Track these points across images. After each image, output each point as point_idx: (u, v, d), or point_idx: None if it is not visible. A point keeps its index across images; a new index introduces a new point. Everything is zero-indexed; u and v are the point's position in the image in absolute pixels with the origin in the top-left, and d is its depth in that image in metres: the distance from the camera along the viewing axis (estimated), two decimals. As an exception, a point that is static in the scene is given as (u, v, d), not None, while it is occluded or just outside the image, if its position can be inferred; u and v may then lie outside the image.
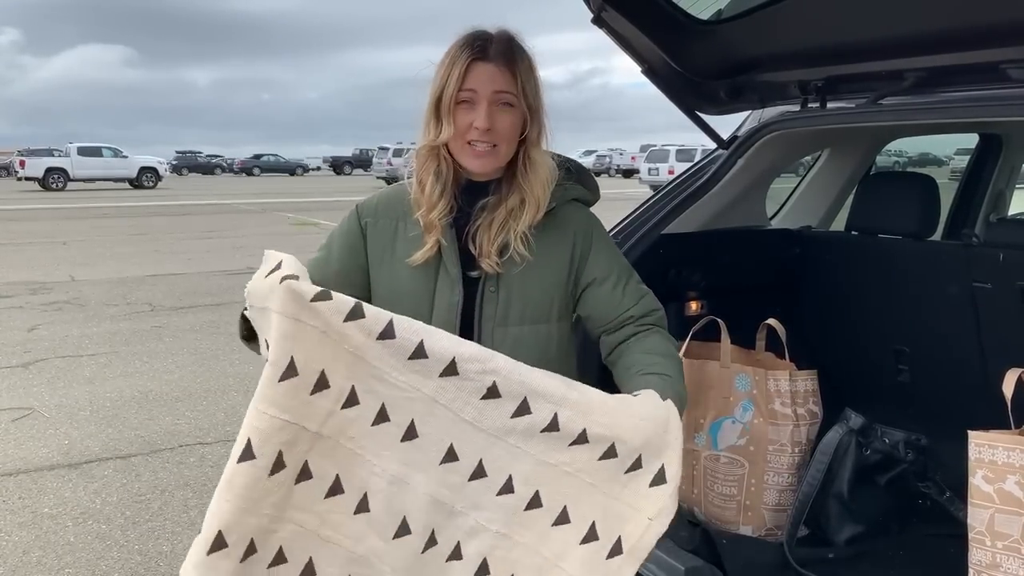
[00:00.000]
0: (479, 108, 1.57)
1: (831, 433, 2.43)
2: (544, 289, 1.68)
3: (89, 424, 5.05)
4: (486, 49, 1.57)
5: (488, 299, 1.65)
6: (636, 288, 1.73)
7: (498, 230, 1.62)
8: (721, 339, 2.51)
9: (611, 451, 1.42)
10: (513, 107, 1.60)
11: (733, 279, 2.97)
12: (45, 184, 32.82)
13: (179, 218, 20.15)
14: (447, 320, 1.64)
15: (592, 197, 1.79)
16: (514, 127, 1.61)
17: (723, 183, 2.82)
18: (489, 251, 1.62)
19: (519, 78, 1.59)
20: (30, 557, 3.43)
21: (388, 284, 1.70)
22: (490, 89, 1.57)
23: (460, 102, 1.58)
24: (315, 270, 1.71)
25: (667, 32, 2.48)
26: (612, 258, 1.75)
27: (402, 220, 1.69)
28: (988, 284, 2.54)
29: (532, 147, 1.64)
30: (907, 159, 15.92)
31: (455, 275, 1.65)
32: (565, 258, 1.69)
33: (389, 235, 1.70)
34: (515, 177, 1.64)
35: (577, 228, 1.71)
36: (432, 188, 1.63)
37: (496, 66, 1.57)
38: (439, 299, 1.66)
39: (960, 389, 2.69)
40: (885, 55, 2.28)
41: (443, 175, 1.64)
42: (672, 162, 27.94)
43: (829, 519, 2.41)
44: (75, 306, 8.78)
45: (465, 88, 1.57)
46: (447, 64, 1.58)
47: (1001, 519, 1.84)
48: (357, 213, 1.75)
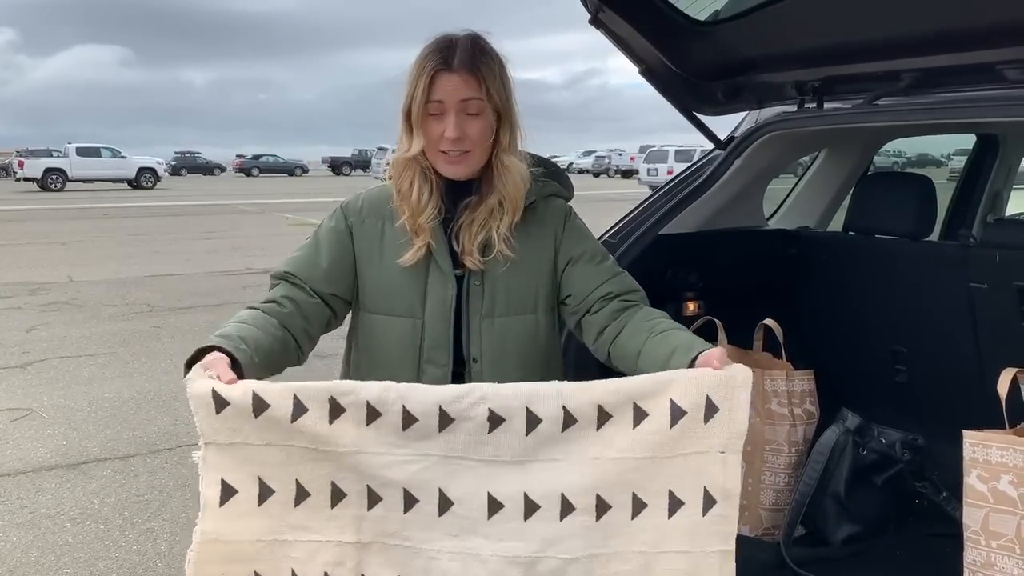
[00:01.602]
0: (448, 118, 1.61)
1: (828, 433, 2.44)
2: (529, 281, 1.72)
3: (87, 425, 5.05)
4: (449, 60, 1.60)
5: (474, 293, 1.70)
6: (611, 267, 1.77)
7: (478, 229, 1.67)
8: (718, 339, 2.52)
9: (639, 413, 1.35)
10: (482, 113, 1.63)
11: (730, 280, 2.97)
12: (44, 185, 32.79)
13: (178, 219, 20.14)
14: (442, 314, 1.68)
15: (567, 194, 1.84)
16: (484, 132, 1.64)
17: (720, 184, 2.82)
18: (471, 249, 1.67)
19: (484, 84, 1.62)
20: (28, 557, 3.43)
21: (379, 283, 1.73)
22: (456, 99, 1.61)
23: (430, 113, 1.62)
24: (298, 265, 1.73)
25: (664, 33, 2.49)
26: (586, 240, 1.79)
27: (388, 220, 1.73)
28: (985, 284, 2.54)
29: (503, 152, 1.67)
30: (905, 160, 15.92)
31: (447, 271, 1.69)
32: (548, 250, 1.74)
33: (376, 235, 1.73)
34: (492, 178, 1.68)
35: (555, 219, 1.76)
36: (419, 194, 1.66)
37: (460, 76, 1.60)
38: (431, 295, 1.70)
39: (957, 389, 2.69)
40: (882, 56, 2.28)
41: (428, 180, 1.68)
42: (671, 163, 27.92)
43: (826, 519, 2.41)
44: (74, 307, 8.77)
45: (432, 100, 1.61)
46: (414, 76, 1.62)
47: (996, 518, 1.85)
48: (343, 213, 1.77)
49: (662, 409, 1.34)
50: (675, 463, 1.35)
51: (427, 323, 1.69)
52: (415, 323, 1.70)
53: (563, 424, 1.35)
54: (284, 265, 1.75)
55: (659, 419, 1.34)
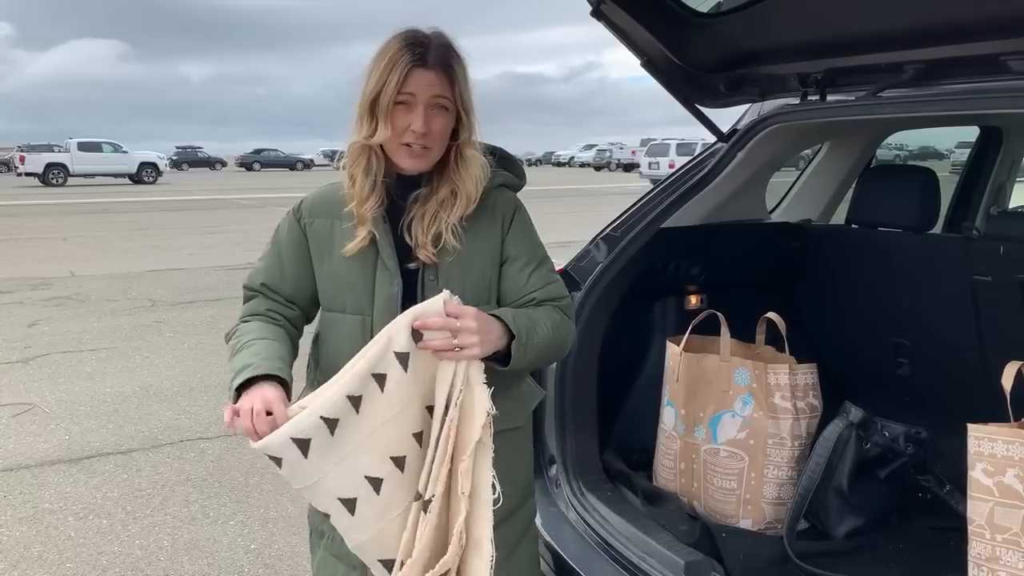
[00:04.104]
0: (416, 112, 1.63)
1: (831, 427, 2.43)
2: (482, 272, 1.73)
3: (90, 419, 5.05)
4: (425, 56, 1.63)
5: (429, 288, 1.70)
6: (545, 275, 1.78)
7: (430, 221, 1.68)
8: (721, 333, 2.51)
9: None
10: (448, 110, 1.66)
11: (733, 273, 2.96)
12: (45, 180, 32.79)
13: (179, 213, 20.15)
14: (389, 311, 1.68)
15: (519, 182, 1.85)
16: (447, 129, 1.68)
17: (723, 177, 2.81)
18: (424, 242, 1.68)
19: (456, 84, 1.66)
20: (31, 552, 3.44)
21: (330, 280, 1.75)
22: (428, 95, 1.63)
23: (398, 103, 1.63)
24: (269, 276, 1.78)
25: (666, 25, 2.47)
26: (527, 241, 1.79)
27: (337, 218, 1.74)
28: (988, 277, 2.54)
29: (465, 146, 1.70)
30: (908, 152, 15.89)
31: (392, 267, 1.70)
32: (497, 240, 1.75)
33: (326, 233, 1.75)
34: (445, 171, 1.71)
35: (505, 211, 1.78)
36: (362, 183, 1.68)
37: (435, 73, 1.63)
38: (379, 291, 1.71)
39: (960, 382, 2.69)
40: (885, 47, 2.27)
41: (372, 170, 1.69)
42: (673, 156, 27.88)
43: (829, 513, 2.41)
44: (75, 301, 8.78)
45: (404, 92, 1.62)
46: (385, 67, 1.62)
47: (1001, 512, 1.84)
48: (294, 215, 1.80)
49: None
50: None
51: (376, 320, 1.69)
52: (364, 320, 1.71)
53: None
54: (256, 276, 1.80)
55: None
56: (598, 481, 2.51)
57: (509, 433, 1.75)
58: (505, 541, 1.74)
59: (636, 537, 2.22)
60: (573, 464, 2.51)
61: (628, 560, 2.18)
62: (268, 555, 3.40)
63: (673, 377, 2.57)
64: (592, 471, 2.53)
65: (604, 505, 2.38)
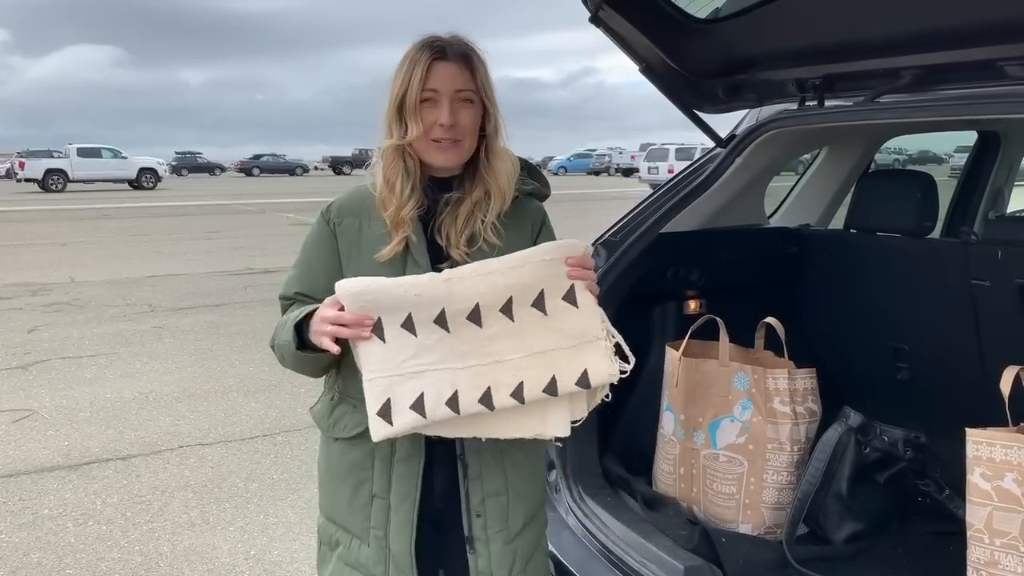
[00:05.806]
0: (441, 106, 1.65)
1: (830, 431, 2.44)
2: None
3: (89, 425, 5.05)
4: (445, 50, 1.66)
5: None
6: None
7: (464, 222, 1.70)
8: (720, 338, 2.52)
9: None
10: (473, 103, 1.68)
11: (732, 278, 2.97)
12: (45, 185, 32.81)
13: (179, 219, 20.15)
14: None
15: (545, 192, 1.88)
16: (475, 122, 1.69)
17: (721, 182, 2.82)
18: (458, 242, 1.69)
19: (478, 76, 1.68)
20: (30, 558, 3.44)
21: None
22: (451, 87, 1.66)
23: (423, 101, 1.65)
24: (302, 283, 1.77)
25: (665, 31, 2.48)
26: None
27: (365, 219, 1.75)
28: (987, 281, 2.54)
29: (492, 140, 1.72)
30: (907, 157, 15.91)
31: (424, 266, 1.70)
32: (527, 244, 1.76)
33: (355, 234, 1.75)
34: (478, 171, 1.73)
35: (534, 219, 1.81)
36: (403, 186, 1.69)
37: (456, 65, 1.66)
38: None
39: (959, 387, 2.69)
40: (883, 53, 2.28)
41: (411, 172, 1.70)
42: (672, 161, 27.89)
43: (828, 517, 2.41)
44: (75, 307, 8.78)
45: (428, 88, 1.65)
46: (407, 67, 1.66)
47: (999, 516, 1.84)
48: (324, 218, 1.79)
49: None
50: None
51: None
52: None
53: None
54: (291, 285, 1.79)
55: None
56: (598, 486, 2.51)
57: (527, 441, 1.76)
58: (523, 551, 1.76)
59: (636, 542, 2.23)
60: (573, 469, 2.51)
61: (628, 565, 2.18)
62: (267, 561, 3.39)
63: (672, 382, 2.58)
64: (592, 476, 2.54)
65: (604, 510, 2.39)
